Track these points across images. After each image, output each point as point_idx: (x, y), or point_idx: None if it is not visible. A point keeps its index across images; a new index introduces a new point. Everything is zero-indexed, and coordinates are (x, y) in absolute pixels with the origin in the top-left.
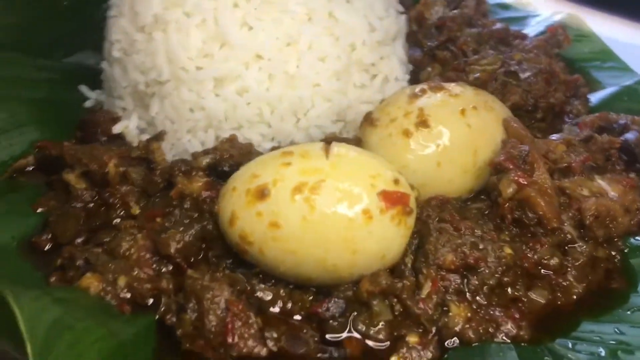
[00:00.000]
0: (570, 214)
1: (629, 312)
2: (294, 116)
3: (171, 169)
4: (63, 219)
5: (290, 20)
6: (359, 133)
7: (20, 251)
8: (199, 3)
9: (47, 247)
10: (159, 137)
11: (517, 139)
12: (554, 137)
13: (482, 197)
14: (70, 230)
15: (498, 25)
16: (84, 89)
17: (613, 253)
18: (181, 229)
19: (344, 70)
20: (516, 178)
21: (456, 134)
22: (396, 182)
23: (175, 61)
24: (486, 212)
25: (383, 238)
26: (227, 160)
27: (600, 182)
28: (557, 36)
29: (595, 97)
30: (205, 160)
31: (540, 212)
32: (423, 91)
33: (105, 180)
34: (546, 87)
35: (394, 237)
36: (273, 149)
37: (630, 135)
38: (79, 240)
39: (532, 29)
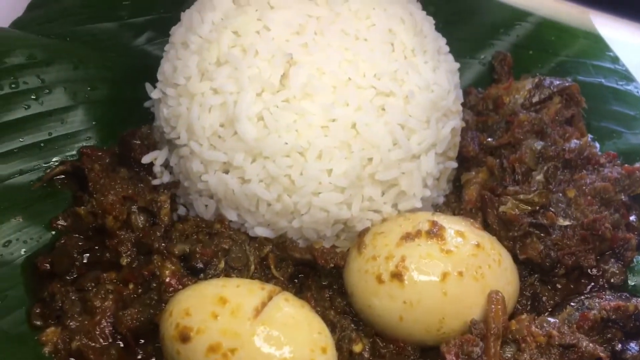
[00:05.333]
0: None
1: None
2: (289, 215)
3: (153, 243)
4: (62, 251)
5: (306, 127)
6: (350, 247)
7: (24, 268)
8: (224, 84)
9: (46, 269)
10: (172, 185)
11: (485, 327)
12: (549, 320)
13: None
14: (65, 265)
15: (573, 144)
16: (148, 86)
17: None
18: (140, 308)
19: (351, 185)
20: None
21: (427, 299)
22: None
23: (192, 134)
24: None
25: None
26: (198, 258)
27: None
28: (634, 178)
29: None
30: (179, 248)
31: None
32: (418, 233)
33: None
34: (580, 244)
35: None
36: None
37: (634, 347)
38: (70, 276)
39: None
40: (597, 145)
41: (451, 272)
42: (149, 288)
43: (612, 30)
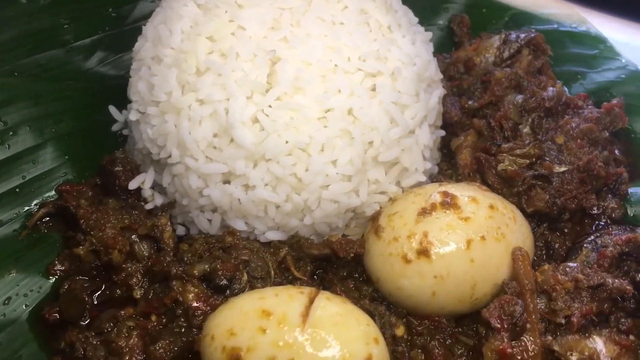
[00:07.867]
0: None
1: None
2: (300, 213)
3: (169, 269)
4: (69, 296)
5: (303, 122)
6: (365, 233)
7: (31, 323)
8: (211, 92)
9: (56, 319)
10: (169, 206)
11: (519, 285)
12: (570, 265)
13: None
14: (75, 310)
15: (550, 92)
16: (113, 109)
17: None
18: (171, 339)
19: (357, 172)
20: (501, 347)
21: (457, 269)
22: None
23: (184, 149)
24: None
25: None
26: (221, 275)
27: (596, 340)
28: (614, 114)
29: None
30: (199, 269)
31: None
32: (433, 207)
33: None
34: (580, 187)
35: None
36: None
37: None
38: (84, 321)
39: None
40: (566, 89)
41: (474, 238)
42: (174, 316)
43: None
